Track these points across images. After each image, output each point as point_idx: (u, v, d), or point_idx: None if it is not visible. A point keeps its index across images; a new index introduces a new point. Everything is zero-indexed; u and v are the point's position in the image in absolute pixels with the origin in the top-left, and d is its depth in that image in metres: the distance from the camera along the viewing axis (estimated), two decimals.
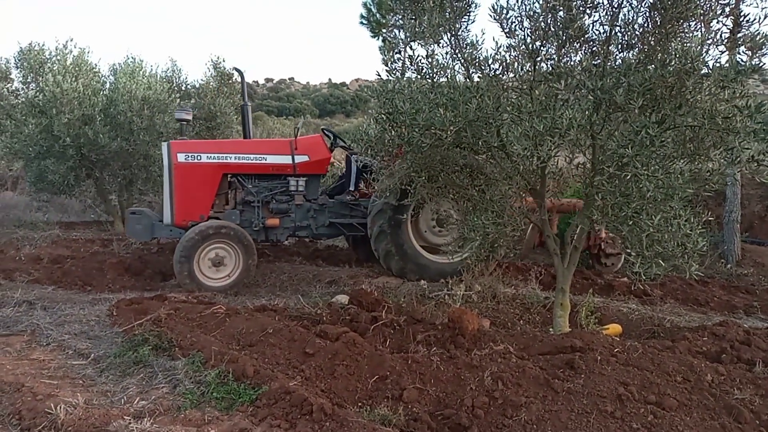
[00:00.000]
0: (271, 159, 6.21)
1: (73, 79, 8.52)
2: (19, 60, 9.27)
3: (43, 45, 9.19)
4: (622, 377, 3.14)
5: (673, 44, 3.40)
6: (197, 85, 10.31)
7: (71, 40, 9.16)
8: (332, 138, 6.62)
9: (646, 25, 3.49)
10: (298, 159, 6.23)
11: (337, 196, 6.51)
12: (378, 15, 13.68)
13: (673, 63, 3.23)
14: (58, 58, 8.97)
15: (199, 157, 5.97)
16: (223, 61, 9.96)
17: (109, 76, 9.59)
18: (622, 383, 3.07)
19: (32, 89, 9.07)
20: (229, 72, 9.92)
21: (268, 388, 2.95)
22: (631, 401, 2.92)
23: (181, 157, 5.91)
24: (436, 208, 5.92)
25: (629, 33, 3.54)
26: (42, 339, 3.89)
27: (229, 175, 6.23)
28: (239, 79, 10.14)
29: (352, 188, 6.54)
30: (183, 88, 10.20)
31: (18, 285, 5.43)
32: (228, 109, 9.66)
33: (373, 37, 14.29)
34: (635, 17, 3.51)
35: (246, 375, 3.12)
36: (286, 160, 6.22)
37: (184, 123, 6.47)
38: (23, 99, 9.02)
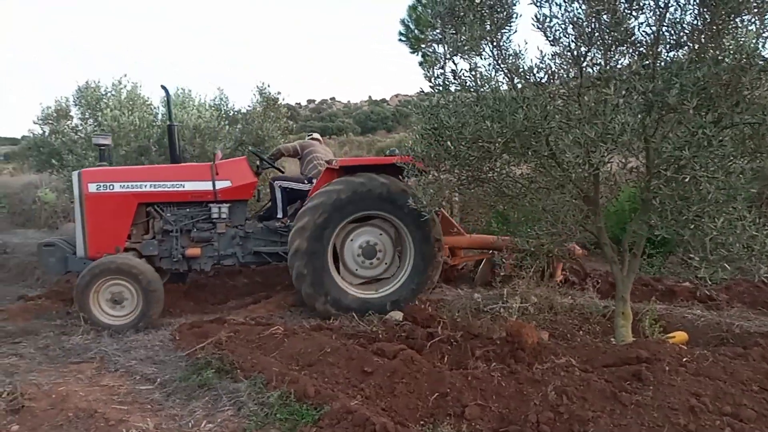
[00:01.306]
0: (190, 186, 5.82)
1: (129, 112, 8.89)
2: (77, 98, 9.76)
3: (98, 82, 9.66)
4: (694, 388, 3.02)
5: (726, 40, 3.29)
6: (244, 111, 10.57)
7: (125, 76, 9.61)
8: (259, 161, 6.39)
9: (695, 22, 3.39)
10: (220, 185, 5.84)
11: (266, 222, 6.09)
12: (417, 31, 13.73)
13: (727, 60, 3.13)
14: (113, 94, 9.39)
15: (111, 187, 5.65)
16: (268, 86, 10.20)
17: (160, 108, 9.96)
18: (693, 394, 2.96)
19: (90, 125, 9.50)
20: (275, 96, 10.15)
21: (330, 408, 2.98)
22: (705, 413, 2.80)
23: (92, 187, 5.61)
24: (366, 239, 5.59)
25: (678, 32, 3.45)
26: (110, 365, 4.05)
27: (146, 204, 5.88)
28: (281, 102, 10.42)
29: (280, 215, 6.14)
30: (230, 115, 10.47)
31: None
32: (275, 133, 9.86)
33: (413, 52, 14.32)
34: (683, 16, 3.42)
35: (307, 395, 3.16)
36: (206, 186, 5.82)
37: (104, 149, 6.15)
38: (83, 134, 9.46)
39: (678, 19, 3.41)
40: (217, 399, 3.32)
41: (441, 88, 4.32)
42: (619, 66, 3.59)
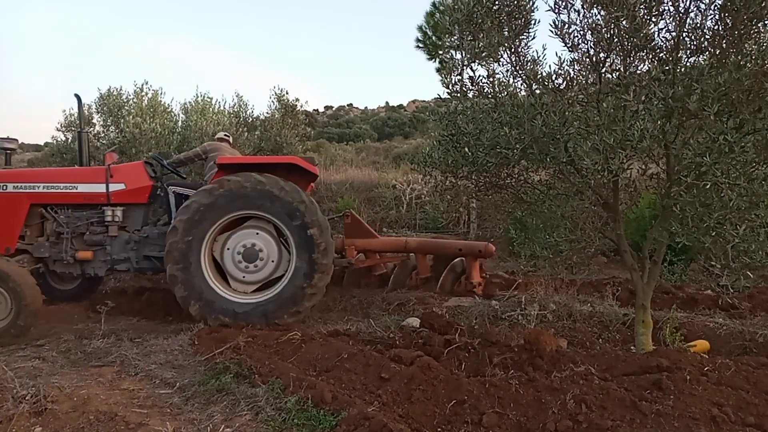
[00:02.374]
0: (83, 188, 5.74)
1: (150, 119, 9.03)
2: (99, 105, 9.93)
3: (120, 89, 9.82)
4: (715, 397, 2.98)
5: (747, 45, 3.25)
6: (263, 118, 10.66)
7: (146, 83, 9.75)
8: (158, 165, 6.25)
9: (716, 28, 3.36)
10: (113, 187, 5.75)
11: (160, 228, 5.92)
12: (434, 37, 13.77)
13: (749, 65, 3.10)
14: (135, 101, 9.55)
15: (4, 187, 5.63)
16: (287, 93, 10.30)
17: (181, 115, 10.09)
18: (715, 404, 2.91)
19: (112, 131, 9.66)
20: (293, 103, 10.24)
21: (347, 414, 2.98)
22: (727, 423, 2.76)
23: None
24: (243, 242, 5.39)
25: (699, 37, 3.42)
26: (130, 369, 4.09)
27: (40, 206, 5.78)
28: (299, 108, 10.50)
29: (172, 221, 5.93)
30: (249, 121, 10.57)
31: (105, 317, 5.72)
32: (293, 140, 9.94)
33: (430, 59, 14.37)
34: (704, 21, 3.39)
35: (324, 401, 3.16)
36: (99, 188, 5.73)
37: (9, 152, 6.13)
38: (105, 141, 9.61)
39: (698, 25, 3.38)
40: (235, 404, 3.34)
41: (459, 95, 4.33)
42: (638, 72, 3.57)
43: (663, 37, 3.48)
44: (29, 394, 3.31)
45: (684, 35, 3.41)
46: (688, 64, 3.48)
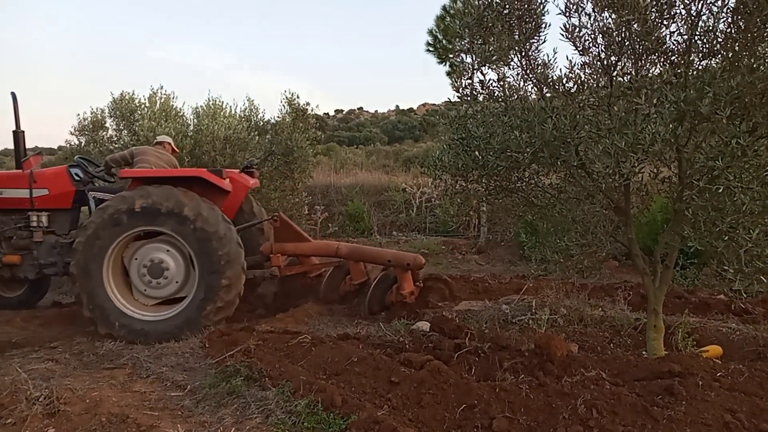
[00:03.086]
0: (8, 193, 5.77)
1: (164, 123, 9.10)
2: (112, 109, 10.02)
3: (133, 94, 9.90)
4: (728, 403, 2.95)
5: (761, 48, 3.23)
6: (273, 122, 10.69)
7: (161, 88, 9.83)
8: (86, 169, 6.17)
9: (729, 31, 3.34)
10: (37, 193, 5.77)
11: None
12: (444, 41, 13.78)
13: (762, 68, 3.07)
14: (148, 105, 9.62)
15: None
16: (297, 97, 10.32)
17: (193, 119, 10.15)
18: (728, 410, 2.88)
19: (126, 135, 9.74)
20: (304, 107, 10.26)
21: (357, 417, 2.98)
22: (740, 430, 2.73)
23: None
24: (151, 256, 5.30)
25: (711, 40, 3.39)
26: (142, 371, 4.12)
27: None
28: (310, 112, 10.52)
29: None
30: (260, 125, 10.61)
31: None
32: (304, 144, 9.96)
33: (440, 63, 14.38)
34: (716, 24, 3.37)
35: (334, 404, 3.17)
36: (23, 194, 5.76)
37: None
38: (118, 145, 9.69)
39: (711, 28, 3.35)
40: (245, 406, 3.35)
41: (469, 98, 4.33)
42: (650, 75, 3.55)
43: (675, 40, 3.46)
44: (42, 395, 3.34)
45: (696, 38, 3.39)
46: (700, 67, 3.46)
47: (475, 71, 4.34)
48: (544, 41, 3.94)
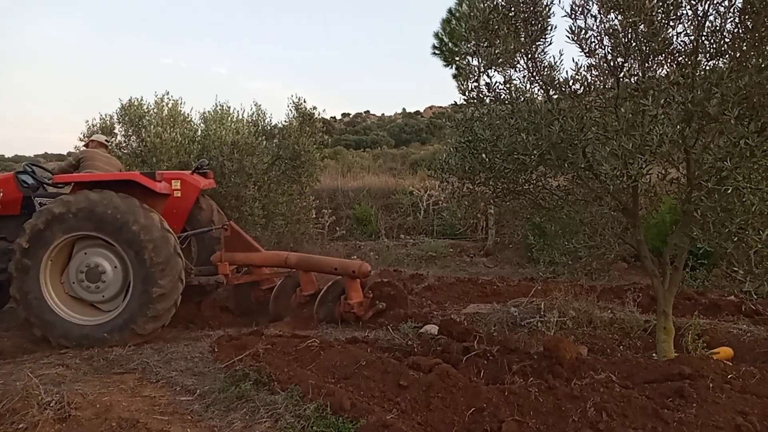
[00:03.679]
0: None
1: (171, 129, 9.15)
2: (120, 115, 10.07)
3: (141, 100, 9.95)
4: (740, 406, 2.93)
5: None
6: (280, 126, 10.72)
7: (168, 93, 9.88)
8: (34, 176, 6.09)
9: (736, 31, 3.32)
10: None
11: None
12: (450, 44, 13.80)
13: None
14: (156, 111, 9.67)
15: None
16: (304, 101, 10.35)
17: (200, 124, 10.19)
18: (739, 413, 2.86)
19: (134, 141, 9.79)
20: (311, 111, 10.28)
21: (366, 421, 2.98)
22: None
23: None
24: (89, 260, 5.19)
25: (718, 41, 3.38)
26: (152, 376, 4.13)
27: None
28: (317, 116, 10.54)
29: None
30: (267, 130, 10.63)
31: None
32: (311, 148, 9.97)
33: (446, 66, 14.40)
34: (723, 24, 3.36)
35: (343, 408, 3.17)
36: None
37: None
38: (127, 151, 9.75)
39: (718, 28, 3.35)
40: (254, 410, 3.36)
41: (475, 101, 4.34)
42: (657, 76, 3.54)
43: (682, 40, 3.46)
44: (53, 400, 3.36)
45: (703, 38, 3.38)
46: (707, 67, 3.45)
47: (481, 74, 4.35)
48: (550, 43, 3.95)
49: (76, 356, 4.68)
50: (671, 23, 3.41)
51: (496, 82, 4.13)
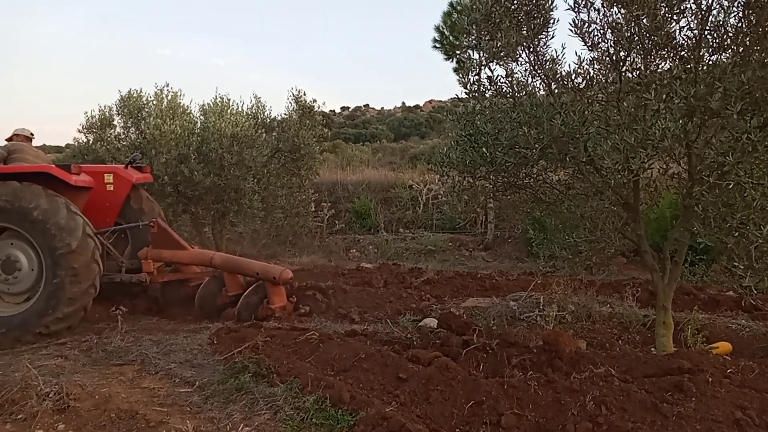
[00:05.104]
0: None
1: (170, 121, 9.11)
2: (120, 107, 10.03)
3: (140, 91, 9.91)
4: (739, 400, 2.93)
5: None
6: (280, 119, 10.68)
7: (167, 85, 9.83)
8: None
9: (739, 25, 3.31)
10: None
11: None
12: (451, 37, 13.75)
13: None
14: (155, 103, 9.63)
15: None
16: (304, 94, 10.31)
17: (200, 116, 10.15)
18: (738, 407, 2.87)
19: (133, 133, 9.75)
20: (310, 104, 10.25)
21: (365, 414, 2.98)
22: (751, 426, 2.72)
23: None
24: (5, 252, 5.21)
25: (721, 35, 3.37)
26: (151, 368, 4.13)
27: None
28: (317, 109, 10.51)
29: None
30: (267, 122, 10.59)
31: (126, 317, 5.78)
32: (311, 141, 9.95)
33: (447, 59, 14.34)
34: (727, 18, 3.34)
35: (342, 401, 3.17)
36: None
37: None
38: (126, 143, 9.71)
39: (721, 22, 3.33)
40: (254, 403, 3.36)
41: (477, 94, 4.32)
42: (659, 70, 3.53)
43: (685, 35, 3.44)
44: (52, 391, 3.36)
45: (706, 33, 3.37)
46: (710, 62, 3.44)
47: (482, 67, 4.33)
48: (553, 37, 3.93)
49: (75, 347, 4.68)
50: (674, 17, 3.39)
51: (497, 76, 4.12)
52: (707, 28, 3.36)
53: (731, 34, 3.32)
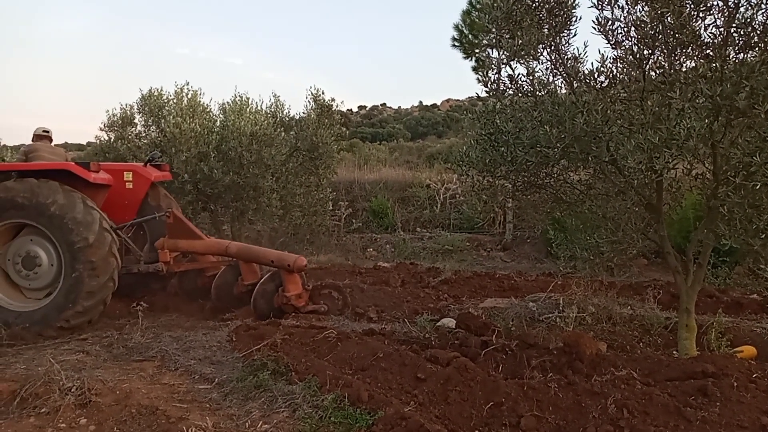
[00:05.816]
0: None
1: (190, 119, 9.20)
2: (141, 105, 10.15)
3: (161, 90, 10.01)
4: (765, 405, 2.88)
5: None
6: (298, 118, 10.73)
7: (187, 84, 9.92)
8: None
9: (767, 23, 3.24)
10: None
11: None
12: (470, 36, 13.69)
13: None
14: (176, 101, 9.72)
15: None
16: (323, 93, 10.34)
17: (219, 115, 10.23)
18: (765, 412, 2.82)
19: (153, 131, 9.86)
20: (329, 103, 10.28)
21: (383, 413, 2.98)
22: None
23: None
24: (25, 248, 5.27)
25: (748, 33, 3.30)
26: (171, 364, 4.16)
27: None
28: (335, 108, 10.53)
29: None
30: (285, 121, 10.65)
31: (146, 313, 5.85)
32: (329, 140, 9.98)
33: (466, 58, 14.28)
34: (755, 15, 3.27)
35: (361, 400, 3.17)
36: None
37: None
38: (146, 141, 9.83)
39: (749, 20, 3.26)
40: (272, 400, 3.37)
41: (497, 93, 4.29)
42: (684, 69, 3.47)
43: (710, 32, 3.37)
44: (74, 386, 3.40)
45: (733, 30, 3.30)
46: (736, 60, 3.37)
47: (503, 65, 4.30)
48: (575, 35, 3.89)
49: (96, 343, 4.74)
50: (700, 14, 3.33)
51: (518, 74, 4.07)
52: (734, 25, 3.29)
53: (759, 32, 3.24)
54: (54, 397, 3.29)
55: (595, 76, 3.67)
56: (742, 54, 3.38)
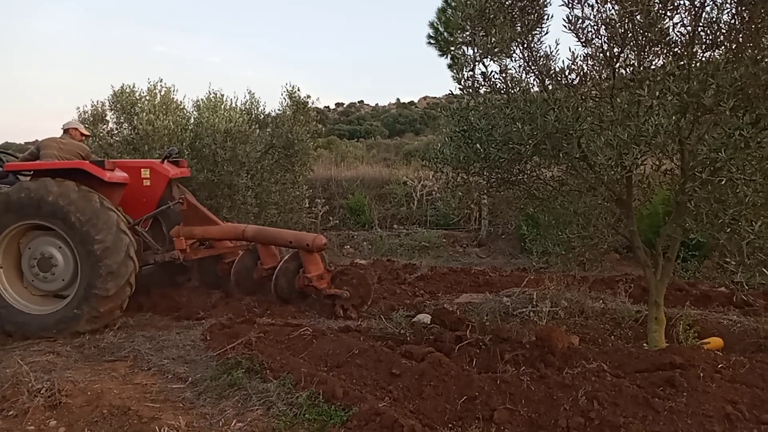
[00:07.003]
0: None
1: (163, 116, 9.06)
2: (112, 102, 9.96)
3: (133, 87, 9.84)
4: (729, 395, 2.95)
5: (765, 39, 3.21)
6: (274, 115, 10.65)
7: (160, 81, 9.77)
8: None
9: (732, 22, 3.32)
10: None
11: None
12: (445, 34, 13.73)
13: (766, 59, 3.06)
14: (148, 98, 9.57)
15: None
16: (298, 90, 10.27)
17: (193, 112, 10.10)
18: (729, 401, 2.89)
19: (126, 128, 9.69)
20: (304, 100, 10.22)
21: (358, 409, 2.99)
22: (741, 421, 2.74)
23: None
24: (40, 250, 5.16)
25: (714, 32, 3.37)
26: (143, 364, 4.12)
27: None
28: (310, 105, 10.47)
29: None
30: (261, 118, 10.56)
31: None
32: (304, 137, 9.92)
33: (441, 55, 14.32)
34: (720, 15, 3.35)
35: (336, 396, 3.17)
36: None
37: None
38: (119, 138, 9.66)
39: (714, 19, 3.34)
40: (246, 398, 3.36)
41: (471, 90, 4.31)
42: (653, 67, 3.53)
43: (678, 31, 3.44)
44: (44, 387, 3.35)
45: (699, 30, 3.37)
46: (703, 58, 3.44)
47: (476, 63, 4.33)
48: (547, 33, 3.92)
49: (67, 344, 4.66)
50: (668, 14, 3.39)
51: (491, 72, 4.11)
52: (701, 24, 3.36)
53: (724, 31, 3.32)
54: (22, 399, 3.23)
55: (567, 73, 3.72)
56: (708, 52, 3.46)
